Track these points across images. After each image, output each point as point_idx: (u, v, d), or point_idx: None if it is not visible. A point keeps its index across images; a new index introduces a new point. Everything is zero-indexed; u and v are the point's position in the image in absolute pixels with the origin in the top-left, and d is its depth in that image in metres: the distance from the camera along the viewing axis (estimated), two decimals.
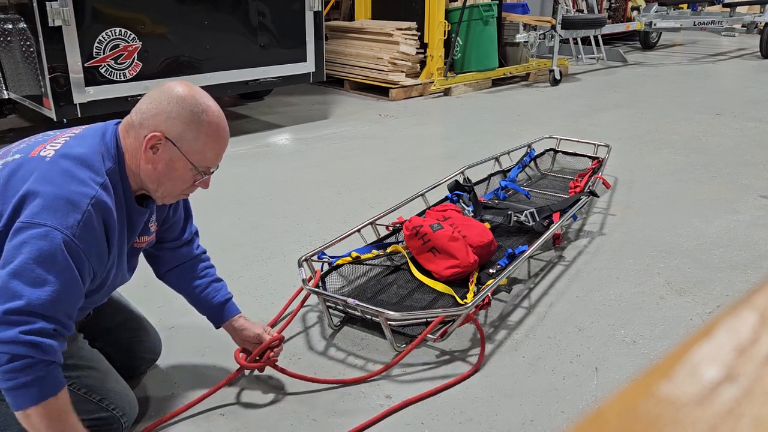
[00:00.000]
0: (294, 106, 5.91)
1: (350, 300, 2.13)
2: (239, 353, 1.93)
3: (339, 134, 4.94)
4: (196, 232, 1.99)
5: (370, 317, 2.20)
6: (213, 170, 1.62)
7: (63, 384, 1.41)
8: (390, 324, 2.10)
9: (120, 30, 4.05)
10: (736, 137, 4.79)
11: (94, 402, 1.64)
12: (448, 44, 6.62)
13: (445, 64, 6.59)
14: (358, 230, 2.67)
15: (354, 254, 2.53)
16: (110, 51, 4.03)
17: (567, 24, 7.07)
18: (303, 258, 2.37)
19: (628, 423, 0.31)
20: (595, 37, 8.06)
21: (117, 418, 1.67)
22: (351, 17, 7.53)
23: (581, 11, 9.05)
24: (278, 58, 4.89)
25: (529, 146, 3.81)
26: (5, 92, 4.33)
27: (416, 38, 6.49)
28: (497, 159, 3.65)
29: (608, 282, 2.62)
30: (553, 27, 6.96)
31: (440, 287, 2.40)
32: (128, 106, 3.92)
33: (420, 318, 2.15)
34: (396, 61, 6.29)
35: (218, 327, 1.97)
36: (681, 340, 0.35)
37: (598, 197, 3.34)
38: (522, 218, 2.85)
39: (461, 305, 2.20)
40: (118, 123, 1.59)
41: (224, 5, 4.53)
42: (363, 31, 6.67)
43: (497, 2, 6.92)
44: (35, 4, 3.73)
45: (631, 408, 0.31)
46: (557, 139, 3.93)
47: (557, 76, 6.93)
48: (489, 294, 2.24)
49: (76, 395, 1.61)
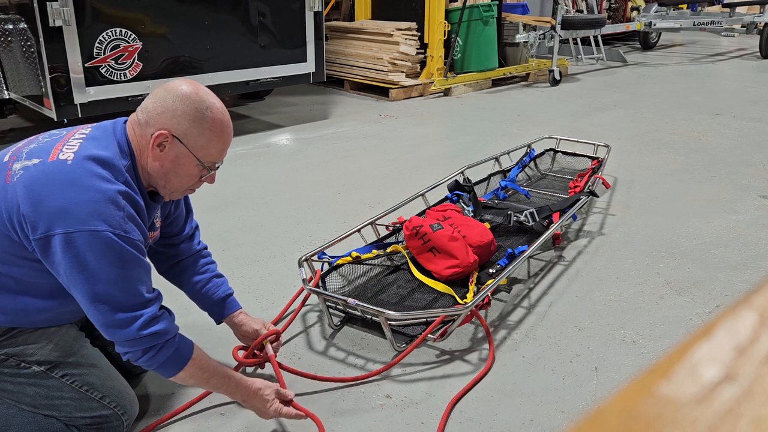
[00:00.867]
0: (294, 106, 5.91)
1: (350, 300, 2.14)
2: (237, 351, 1.94)
3: (339, 134, 4.94)
4: (197, 227, 2.01)
5: (370, 317, 2.20)
6: (218, 165, 1.66)
7: (192, 346, 1.61)
8: (390, 324, 2.10)
9: (120, 30, 4.05)
10: (736, 137, 4.79)
11: (96, 400, 1.65)
12: (448, 44, 6.62)
13: (445, 65, 6.59)
14: (358, 230, 2.67)
15: (354, 254, 2.54)
16: (111, 51, 4.03)
17: (567, 24, 7.08)
18: (303, 258, 2.37)
19: (628, 423, 0.31)
20: (595, 38, 8.06)
21: (118, 416, 1.68)
22: (351, 17, 7.53)
23: (581, 11, 9.05)
24: (278, 59, 4.90)
25: (529, 146, 3.81)
26: (6, 92, 4.33)
27: (416, 38, 6.49)
28: (497, 159, 3.65)
29: (608, 282, 2.62)
30: (553, 27, 6.96)
31: (440, 287, 2.40)
32: (129, 106, 3.97)
33: (420, 318, 2.15)
34: (396, 62, 6.29)
35: (219, 323, 1.99)
36: (681, 340, 0.35)
37: (598, 197, 3.34)
38: (522, 218, 2.85)
39: (461, 305, 2.20)
40: (126, 121, 1.61)
41: (224, 5, 4.53)
42: (363, 32, 6.67)
43: (497, 2, 6.92)
44: (35, 4, 3.72)
45: (631, 408, 0.31)
46: (557, 139, 3.93)
47: (557, 77, 6.93)
48: (489, 294, 2.25)
49: (78, 392, 1.63)
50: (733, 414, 0.30)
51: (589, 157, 3.75)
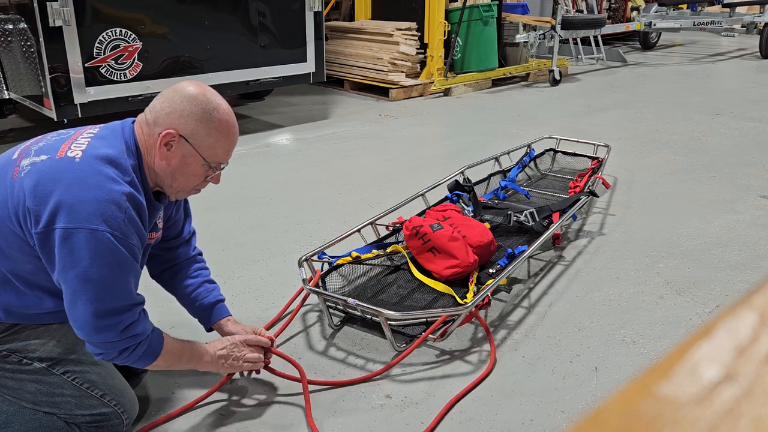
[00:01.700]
0: (294, 106, 5.91)
1: (350, 300, 2.14)
2: None
3: (339, 134, 4.94)
4: (194, 233, 2.01)
5: (370, 317, 2.20)
6: (224, 166, 1.68)
7: (162, 338, 1.63)
8: (390, 324, 2.10)
9: (120, 30, 4.05)
10: (736, 137, 4.79)
11: (96, 397, 1.65)
12: (448, 44, 6.62)
13: (445, 65, 6.59)
14: (358, 230, 2.67)
15: (354, 254, 2.54)
16: (111, 51, 4.03)
17: (567, 24, 7.07)
18: (303, 258, 2.37)
19: (628, 423, 0.31)
20: (595, 38, 8.06)
21: (118, 414, 1.68)
22: (351, 17, 7.53)
23: (581, 11, 9.05)
24: (278, 59, 4.90)
25: (529, 146, 3.81)
26: (6, 92, 4.33)
27: (416, 38, 6.49)
28: (497, 159, 3.65)
29: (608, 282, 2.62)
30: (553, 27, 6.96)
31: (440, 287, 2.40)
32: (129, 106, 3.98)
33: (420, 318, 2.15)
34: (396, 62, 6.29)
35: (209, 330, 1.97)
36: (680, 340, 0.35)
37: (598, 197, 3.34)
38: (522, 218, 2.85)
39: (461, 305, 2.20)
40: (134, 121, 1.62)
41: (224, 5, 4.53)
42: (363, 32, 6.67)
43: (497, 2, 6.91)
44: (36, 4, 3.73)
45: (631, 408, 0.31)
46: (557, 139, 3.93)
47: (557, 77, 6.93)
48: (489, 294, 2.25)
49: (79, 390, 1.63)
50: (733, 414, 0.30)
51: (589, 157, 3.75)
